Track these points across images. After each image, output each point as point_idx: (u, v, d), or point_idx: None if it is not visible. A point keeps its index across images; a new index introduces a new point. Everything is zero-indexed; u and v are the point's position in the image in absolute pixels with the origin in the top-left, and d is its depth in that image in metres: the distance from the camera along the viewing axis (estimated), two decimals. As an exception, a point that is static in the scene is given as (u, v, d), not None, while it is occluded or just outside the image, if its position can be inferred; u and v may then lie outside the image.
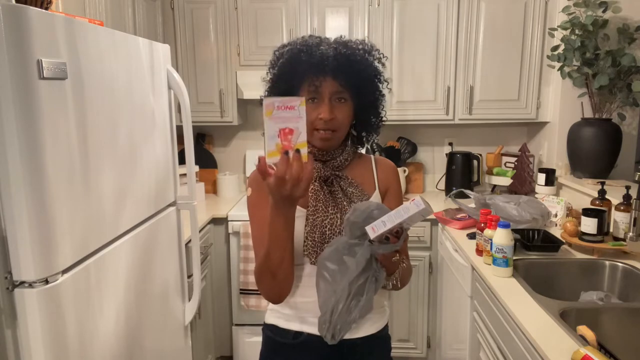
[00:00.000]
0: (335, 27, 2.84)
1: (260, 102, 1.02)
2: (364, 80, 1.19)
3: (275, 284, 1.14)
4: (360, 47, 1.19)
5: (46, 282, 1.14)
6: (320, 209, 1.17)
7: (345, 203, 1.19)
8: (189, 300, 1.99)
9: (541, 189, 2.57)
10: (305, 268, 1.18)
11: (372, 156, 1.34)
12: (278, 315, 1.24)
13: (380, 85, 1.24)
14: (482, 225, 1.90)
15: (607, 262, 1.86)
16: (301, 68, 1.14)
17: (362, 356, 1.22)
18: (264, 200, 1.15)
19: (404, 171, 3.08)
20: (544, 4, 2.72)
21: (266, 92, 1.24)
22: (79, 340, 1.24)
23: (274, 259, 1.10)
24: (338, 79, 1.14)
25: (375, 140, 3.15)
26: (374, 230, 0.99)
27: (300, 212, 1.17)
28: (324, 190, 1.19)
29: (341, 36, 1.21)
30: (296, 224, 1.15)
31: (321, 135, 1.16)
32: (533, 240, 2.11)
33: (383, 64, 1.24)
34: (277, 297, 1.18)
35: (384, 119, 1.30)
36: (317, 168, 1.20)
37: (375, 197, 1.25)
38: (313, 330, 1.19)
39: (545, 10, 2.73)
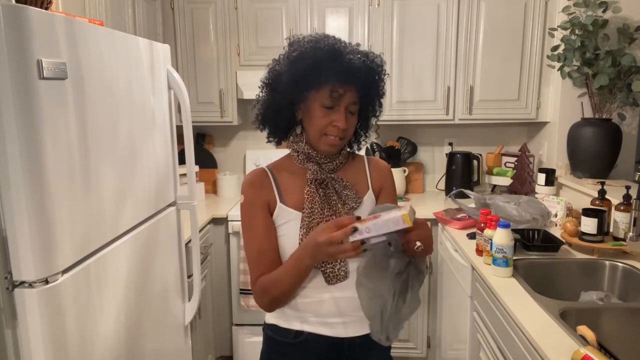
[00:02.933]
0: (335, 27, 2.84)
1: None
2: (376, 97, 1.22)
3: (282, 300, 1.19)
4: (379, 62, 1.20)
5: (46, 282, 1.14)
6: (316, 211, 1.18)
7: (339, 205, 1.20)
8: (189, 300, 1.99)
9: (541, 189, 2.57)
10: None
11: (365, 156, 1.34)
12: (278, 315, 1.25)
13: (382, 103, 1.27)
14: (482, 225, 1.90)
15: (607, 262, 1.86)
16: (327, 72, 1.11)
17: (362, 354, 1.23)
18: (258, 209, 1.20)
19: (404, 171, 3.08)
20: (544, 4, 2.72)
21: (269, 83, 1.20)
22: (79, 340, 1.24)
23: (294, 287, 1.16)
24: (359, 92, 1.16)
25: (375, 140, 3.15)
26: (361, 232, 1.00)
27: (294, 215, 1.19)
28: (319, 193, 1.19)
29: (358, 44, 1.20)
30: (290, 226, 1.18)
31: (331, 141, 1.17)
32: (533, 240, 2.11)
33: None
34: (275, 309, 1.22)
35: (368, 133, 1.33)
36: (312, 170, 1.21)
37: (369, 197, 1.26)
38: (314, 329, 1.20)
39: (545, 10, 2.73)
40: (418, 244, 1.02)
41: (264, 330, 1.31)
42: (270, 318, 1.28)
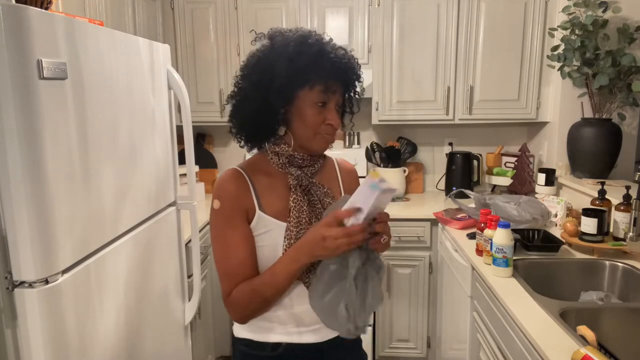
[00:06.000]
0: (335, 27, 2.84)
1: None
2: (354, 94, 1.19)
3: (267, 308, 1.14)
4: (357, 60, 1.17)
5: (46, 282, 1.14)
6: (304, 221, 1.11)
7: (324, 214, 1.14)
8: (189, 300, 1.99)
9: (541, 189, 2.57)
10: None
11: (334, 159, 1.30)
12: (252, 329, 1.18)
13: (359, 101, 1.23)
14: (482, 225, 1.90)
15: (607, 262, 1.86)
16: (320, 69, 1.07)
17: (342, 353, 1.21)
18: (236, 216, 1.12)
19: (404, 171, 3.08)
20: (544, 4, 2.72)
21: (256, 82, 1.10)
22: (79, 340, 1.24)
23: (282, 292, 1.10)
24: (347, 90, 1.14)
25: (375, 140, 3.15)
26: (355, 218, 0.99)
27: (275, 225, 1.12)
28: (305, 201, 1.14)
29: (331, 39, 1.15)
30: (271, 236, 1.12)
31: (326, 140, 1.14)
32: (533, 240, 2.11)
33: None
34: (250, 320, 1.16)
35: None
36: (295, 175, 1.14)
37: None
38: (293, 339, 1.16)
39: (545, 10, 2.73)
40: (384, 237, 1.04)
41: (234, 345, 1.23)
42: (242, 332, 1.19)
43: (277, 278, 1.08)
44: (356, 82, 1.16)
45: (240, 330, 1.20)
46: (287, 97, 1.09)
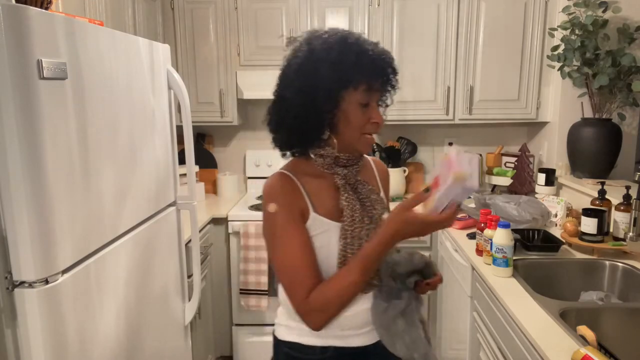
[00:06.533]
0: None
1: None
2: (391, 90, 1.18)
3: (341, 312, 1.10)
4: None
5: (46, 282, 1.14)
6: (357, 219, 1.11)
7: (374, 212, 1.15)
8: (189, 300, 1.99)
9: (541, 189, 2.57)
10: None
11: (369, 158, 1.31)
12: (299, 333, 1.17)
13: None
14: (482, 225, 1.90)
15: (607, 262, 1.86)
16: (364, 69, 1.07)
17: (384, 354, 1.21)
18: (295, 218, 1.09)
19: (404, 171, 3.08)
20: (544, 4, 2.73)
21: (289, 85, 1.09)
22: (79, 340, 1.24)
23: (357, 292, 1.10)
24: (385, 85, 1.13)
25: (375, 140, 3.15)
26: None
27: (331, 225, 1.11)
28: (356, 200, 1.13)
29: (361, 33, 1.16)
30: (326, 237, 1.11)
31: (370, 140, 1.13)
32: (533, 240, 2.11)
33: None
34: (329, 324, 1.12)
35: None
36: (342, 175, 1.14)
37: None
38: (342, 343, 1.17)
39: (545, 10, 2.73)
40: (430, 292, 1.21)
41: (277, 347, 1.22)
42: (288, 335, 1.19)
43: (356, 274, 1.05)
44: (392, 76, 1.14)
45: (285, 333, 1.19)
46: (334, 100, 1.07)
